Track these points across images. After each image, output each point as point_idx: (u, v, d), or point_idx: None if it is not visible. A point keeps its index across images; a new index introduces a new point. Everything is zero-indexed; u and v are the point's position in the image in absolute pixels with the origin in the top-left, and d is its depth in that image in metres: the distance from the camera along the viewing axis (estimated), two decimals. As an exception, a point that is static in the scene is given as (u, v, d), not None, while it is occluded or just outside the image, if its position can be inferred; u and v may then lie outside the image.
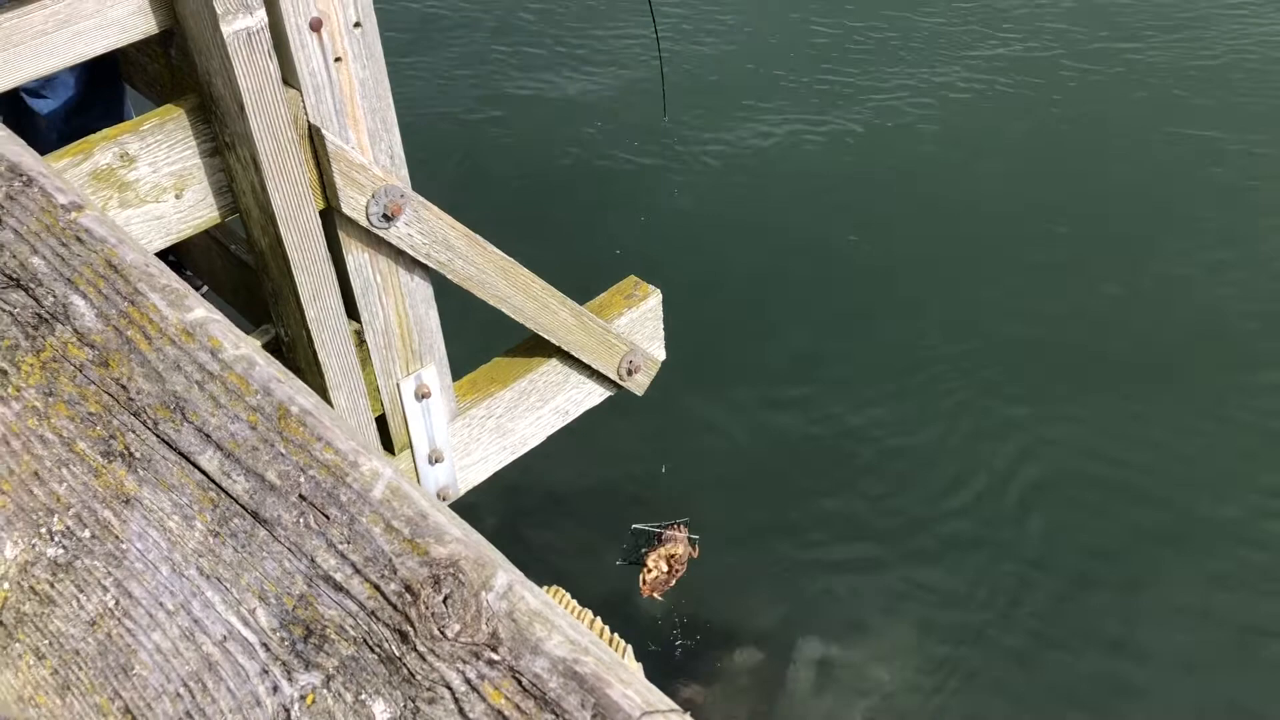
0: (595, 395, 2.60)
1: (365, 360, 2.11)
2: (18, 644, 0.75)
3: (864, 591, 3.84)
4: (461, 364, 2.40)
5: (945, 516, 3.99)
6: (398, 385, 2.17)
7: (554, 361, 2.45)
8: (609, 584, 3.57)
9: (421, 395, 2.21)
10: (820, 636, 3.76)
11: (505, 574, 0.65)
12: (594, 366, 2.49)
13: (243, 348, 0.79)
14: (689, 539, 3.28)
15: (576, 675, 0.60)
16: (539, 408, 2.48)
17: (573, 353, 2.42)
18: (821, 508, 4.06)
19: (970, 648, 3.67)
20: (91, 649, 0.73)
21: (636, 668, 2.54)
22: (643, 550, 3.30)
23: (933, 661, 3.65)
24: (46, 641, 0.74)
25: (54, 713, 0.71)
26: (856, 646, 3.69)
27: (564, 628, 0.62)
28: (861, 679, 3.62)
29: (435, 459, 2.30)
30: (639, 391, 2.68)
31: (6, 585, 0.77)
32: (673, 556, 3.23)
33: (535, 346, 2.44)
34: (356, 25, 1.81)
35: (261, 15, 1.69)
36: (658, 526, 3.28)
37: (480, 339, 2.65)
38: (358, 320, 2.06)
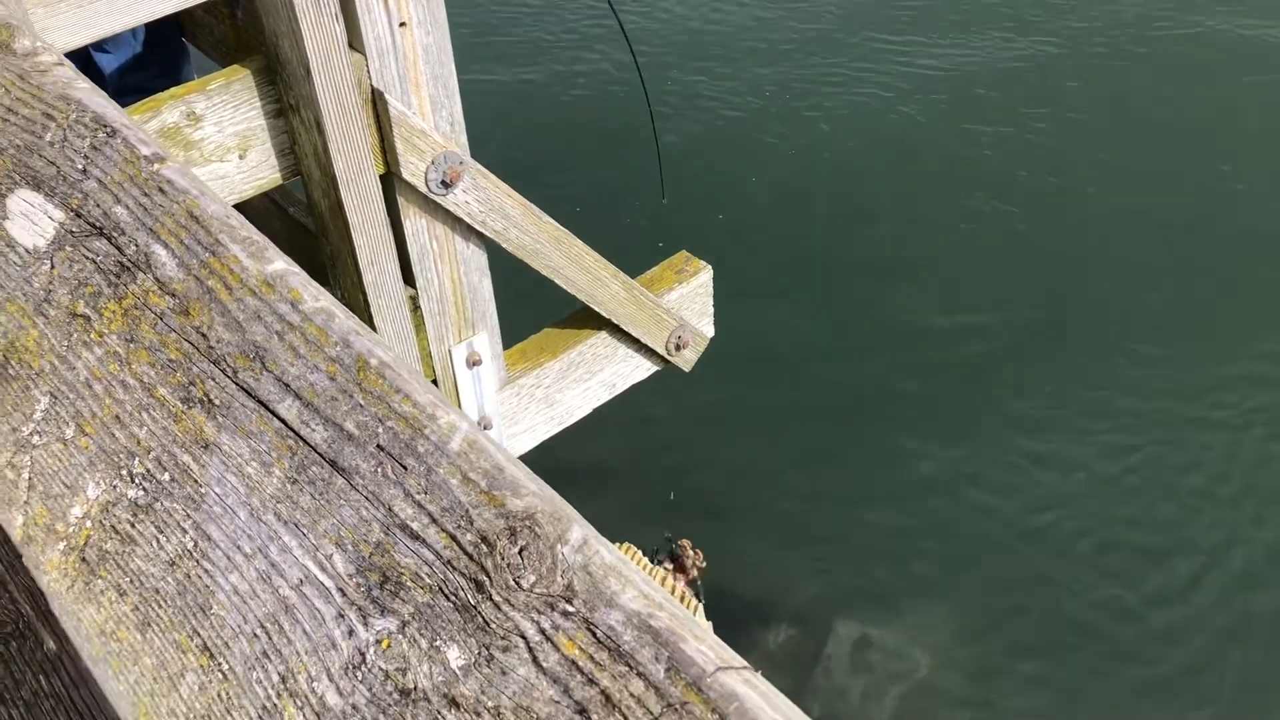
0: (643, 370, 2.61)
1: (419, 326, 2.13)
2: (100, 580, 0.77)
3: (902, 573, 3.83)
4: (511, 333, 2.42)
5: (986, 500, 3.97)
6: (450, 351, 2.19)
7: (603, 334, 2.46)
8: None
9: (473, 362, 2.23)
10: (858, 617, 3.76)
11: (580, 528, 0.66)
12: (643, 340, 2.50)
13: (322, 300, 0.80)
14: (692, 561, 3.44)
15: (651, 629, 0.60)
16: (586, 380, 2.50)
17: (622, 326, 2.43)
18: (860, 489, 4.05)
19: (1007, 632, 3.65)
20: (171, 588, 0.74)
21: (707, 626, 2.56)
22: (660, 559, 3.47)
23: (970, 644, 3.64)
24: (128, 579, 0.76)
25: (135, 647, 0.73)
26: (893, 628, 3.69)
27: (638, 583, 0.63)
28: (898, 660, 3.62)
29: (484, 426, 2.32)
30: (686, 368, 2.68)
31: (89, 524, 0.79)
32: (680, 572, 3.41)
33: (585, 318, 2.45)
34: (422, -9, 1.82)
35: (330, -22, 1.70)
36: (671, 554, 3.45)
37: (530, 309, 2.67)
38: (413, 286, 2.08)
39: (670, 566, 3.45)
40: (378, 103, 1.85)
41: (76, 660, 0.88)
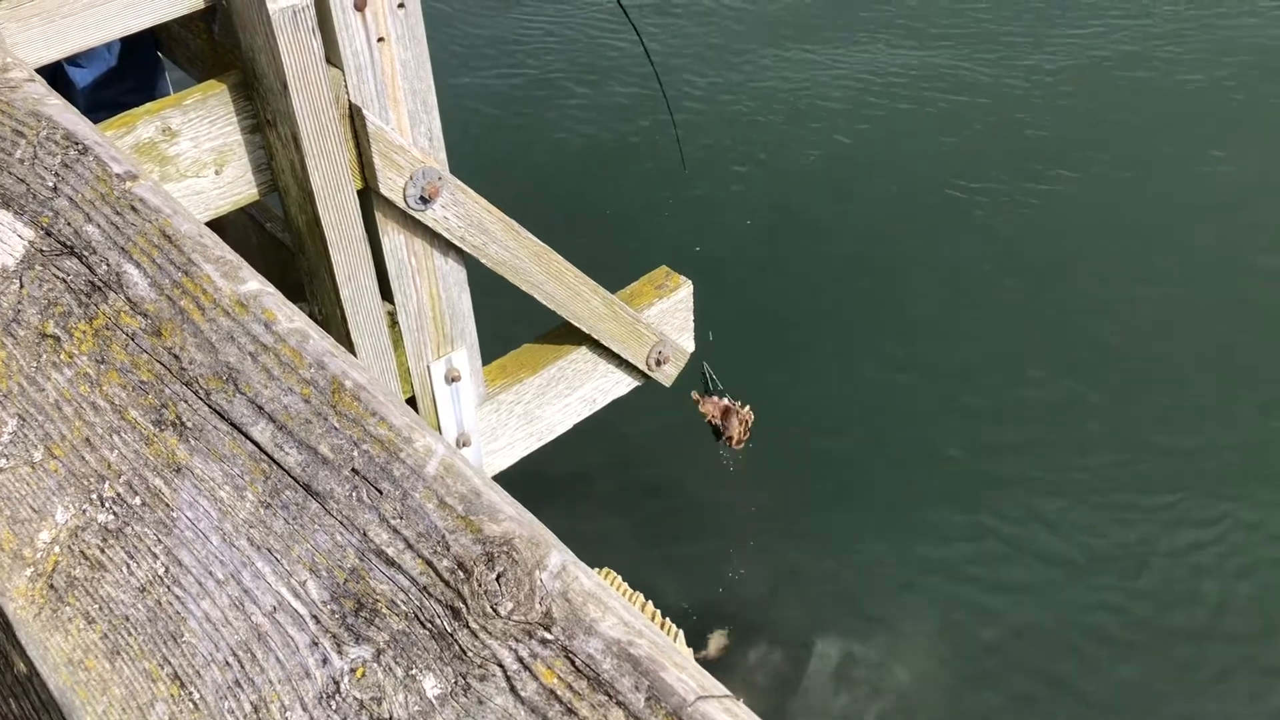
0: (623, 385, 2.60)
1: (397, 342, 2.11)
2: (68, 608, 0.75)
3: (884, 591, 3.83)
4: (490, 349, 2.40)
5: (968, 517, 3.97)
6: (428, 368, 2.18)
7: (583, 349, 2.45)
8: (632, 576, 3.57)
9: (451, 379, 2.21)
10: (839, 635, 3.75)
11: (559, 554, 0.65)
12: (623, 356, 2.50)
13: (297, 321, 0.79)
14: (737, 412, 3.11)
15: (631, 657, 0.59)
16: (567, 395, 2.49)
17: (602, 341, 2.42)
18: (842, 506, 4.05)
19: (989, 649, 3.66)
20: (141, 615, 0.73)
21: (687, 653, 2.53)
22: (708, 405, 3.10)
23: (952, 662, 3.64)
24: (97, 606, 0.74)
25: (103, 677, 0.71)
26: (876, 645, 3.68)
27: (618, 610, 0.62)
28: (880, 678, 3.61)
29: (463, 443, 2.30)
30: (666, 382, 2.68)
31: (58, 549, 0.78)
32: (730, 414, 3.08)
33: (565, 334, 2.44)
34: (400, 6, 1.81)
35: (307, -7, 1.69)
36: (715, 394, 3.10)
37: (510, 325, 2.66)
38: (391, 302, 2.07)
39: (716, 418, 3.09)
40: (355, 118, 1.84)
41: (46, 685, 0.86)
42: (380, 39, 1.81)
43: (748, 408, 3.13)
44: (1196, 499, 3.96)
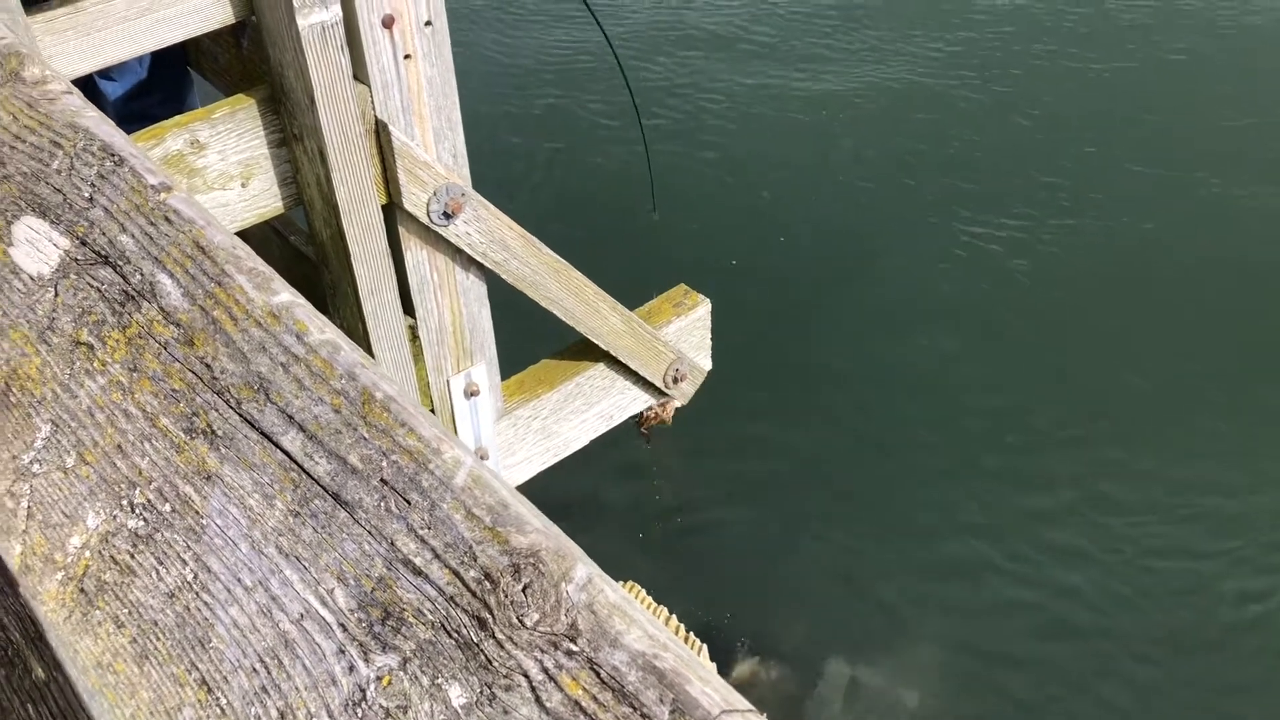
0: (639, 402, 2.61)
1: (418, 356, 2.13)
2: (98, 611, 0.76)
3: (891, 613, 3.81)
4: (509, 364, 2.42)
5: (975, 539, 3.96)
6: (448, 382, 2.19)
7: (601, 366, 2.46)
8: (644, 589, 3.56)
9: (470, 393, 2.23)
10: (847, 656, 3.74)
11: (585, 567, 0.65)
12: (640, 373, 2.50)
13: (328, 333, 0.80)
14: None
15: (656, 670, 0.60)
16: (584, 411, 2.49)
17: (620, 358, 2.43)
18: (849, 527, 4.04)
19: (997, 675, 3.64)
20: (169, 620, 0.74)
21: (711, 667, 2.52)
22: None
23: (959, 685, 3.62)
24: (126, 610, 0.75)
25: (132, 680, 0.72)
26: (883, 668, 3.67)
27: (643, 623, 0.62)
28: (887, 700, 3.59)
29: (480, 457, 2.31)
30: (683, 400, 2.68)
31: (88, 554, 0.79)
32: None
33: (583, 350, 2.45)
34: (427, 24, 1.83)
35: (336, 10, 1.71)
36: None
37: (529, 340, 2.67)
38: (412, 316, 2.08)
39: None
40: (381, 134, 1.86)
41: (65, 689, 0.87)
42: (407, 56, 1.83)
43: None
44: (1210, 522, 3.94)
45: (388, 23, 1.78)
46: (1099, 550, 3.89)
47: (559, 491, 3.77)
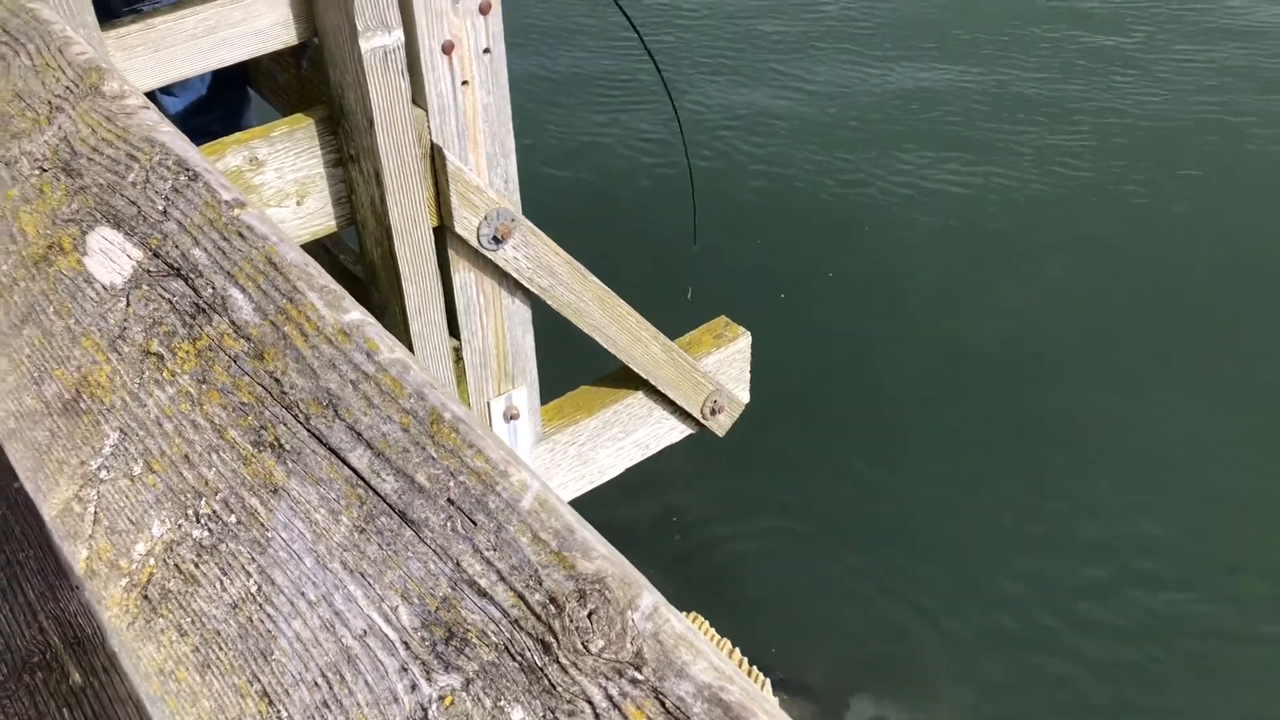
0: (677, 432, 2.61)
1: (460, 377, 2.14)
2: (161, 619, 0.77)
3: (921, 652, 3.77)
4: (548, 389, 2.42)
5: (1015, 580, 3.92)
6: (489, 405, 2.20)
7: (639, 394, 2.47)
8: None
9: (510, 416, 2.24)
10: (873, 695, 3.71)
11: (650, 595, 0.66)
12: (678, 403, 2.51)
13: (398, 352, 0.81)
14: None
15: (722, 703, 0.60)
16: (621, 439, 2.50)
17: (659, 387, 2.44)
18: (877, 564, 4.01)
19: (1023, 713, 3.59)
20: (232, 631, 0.75)
21: (774, 702, 2.50)
22: None
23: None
24: (189, 620, 0.76)
25: (193, 689, 0.73)
26: (911, 706, 3.63)
27: (709, 654, 0.62)
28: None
29: (517, 481, 2.32)
30: (720, 432, 2.68)
31: (153, 562, 0.80)
32: None
33: (622, 378, 2.46)
34: (485, 51, 1.86)
35: (399, 35, 1.74)
36: None
37: (568, 366, 2.68)
38: (457, 338, 2.10)
39: None
40: (436, 158, 1.88)
41: (101, 695, 0.88)
42: (464, 82, 1.85)
43: None
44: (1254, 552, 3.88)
45: (447, 49, 1.81)
46: (1146, 595, 3.84)
47: (588, 519, 3.76)
